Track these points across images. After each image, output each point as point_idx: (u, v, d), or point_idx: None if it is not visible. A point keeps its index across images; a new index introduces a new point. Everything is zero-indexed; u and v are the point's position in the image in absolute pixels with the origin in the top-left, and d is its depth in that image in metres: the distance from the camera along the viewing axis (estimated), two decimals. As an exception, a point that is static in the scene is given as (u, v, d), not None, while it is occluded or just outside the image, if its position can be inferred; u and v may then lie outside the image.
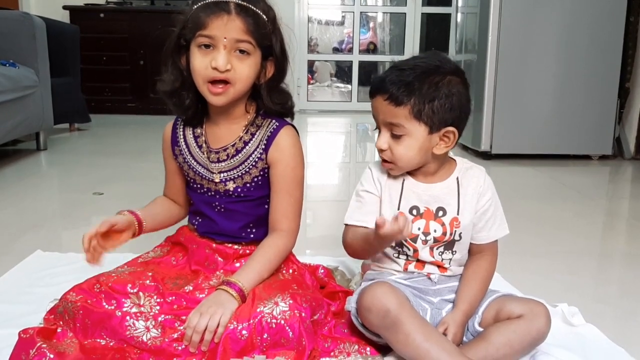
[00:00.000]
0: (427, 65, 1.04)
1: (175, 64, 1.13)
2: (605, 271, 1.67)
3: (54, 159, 3.15)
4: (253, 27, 1.06)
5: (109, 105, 4.99)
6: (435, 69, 1.03)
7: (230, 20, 1.05)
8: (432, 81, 1.02)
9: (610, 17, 3.08)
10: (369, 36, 7.76)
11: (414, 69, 1.03)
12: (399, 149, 1.05)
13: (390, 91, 1.03)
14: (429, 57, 1.06)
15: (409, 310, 0.98)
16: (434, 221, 1.09)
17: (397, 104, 1.03)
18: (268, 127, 1.16)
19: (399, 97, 1.02)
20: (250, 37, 1.07)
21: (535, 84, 3.13)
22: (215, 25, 1.05)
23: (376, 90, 1.06)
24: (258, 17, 1.07)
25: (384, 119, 1.06)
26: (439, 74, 1.03)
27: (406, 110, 1.02)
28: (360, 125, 5.06)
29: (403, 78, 1.02)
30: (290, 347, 0.96)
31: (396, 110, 1.03)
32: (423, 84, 1.02)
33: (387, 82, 1.04)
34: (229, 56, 1.06)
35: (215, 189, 1.17)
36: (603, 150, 3.25)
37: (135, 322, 0.98)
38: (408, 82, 1.02)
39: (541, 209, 2.28)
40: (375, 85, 1.07)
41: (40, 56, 3.19)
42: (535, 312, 1.02)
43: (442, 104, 1.03)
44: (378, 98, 1.06)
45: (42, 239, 1.76)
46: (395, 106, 1.03)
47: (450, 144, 1.07)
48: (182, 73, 1.13)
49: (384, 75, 1.06)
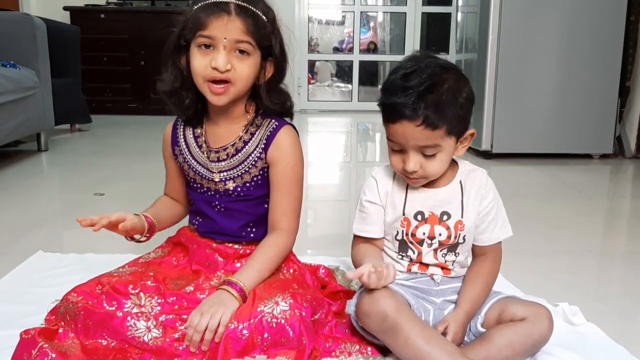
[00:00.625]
0: (438, 76, 1.00)
1: (175, 64, 1.14)
2: (606, 270, 1.67)
3: (55, 160, 3.16)
4: (253, 28, 1.07)
5: (110, 106, 4.99)
6: (448, 78, 1.00)
7: (230, 21, 1.05)
8: (452, 93, 1.00)
9: (610, 16, 3.08)
10: (370, 36, 7.75)
11: (431, 85, 0.98)
12: (434, 165, 1.03)
13: (423, 116, 0.98)
14: (429, 64, 1.01)
15: (407, 313, 0.98)
16: (438, 225, 1.08)
17: (434, 128, 0.99)
18: (268, 127, 1.16)
19: (435, 122, 0.98)
20: (250, 37, 1.07)
21: (535, 83, 3.13)
22: (215, 26, 1.05)
23: (401, 115, 0.99)
24: (258, 17, 1.08)
25: (415, 144, 1.01)
26: (447, 80, 1.00)
27: (442, 131, 1.00)
28: (360, 124, 5.06)
29: (429, 99, 0.98)
30: (290, 346, 0.97)
31: (433, 134, 1.00)
32: (447, 99, 0.99)
33: (414, 106, 0.98)
34: (229, 56, 1.07)
35: (215, 188, 1.18)
36: (604, 149, 3.24)
37: (137, 322, 0.99)
38: (437, 103, 0.98)
39: (542, 208, 2.28)
40: (398, 110, 0.99)
41: (41, 57, 3.20)
42: (538, 315, 1.02)
43: (465, 111, 1.02)
44: (404, 123, 0.99)
45: (43, 239, 1.76)
46: (432, 130, 0.99)
47: (468, 144, 1.08)
48: (182, 73, 1.13)
49: (403, 98, 0.99)
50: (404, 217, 1.08)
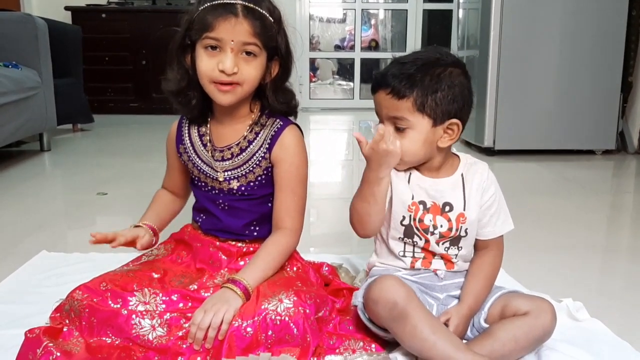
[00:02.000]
0: (427, 58, 1.05)
1: (180, 63, 1.14)
2: (609, 266, 1.67)
3: (58, 160, 3.16)
4: (260, 30, 1.07)
5: (112, 106, 4.99)
6: (436, 61, 1.04)
7: (238, 23, 1.05)
8: (433, 73, 1.03)
9: (612, 11, 3.07)
10: (371, 33, 7.73)
11: (414, 62, 1.04)
12: (404, 142, 1.05)
13: (392, 85, 1.03)
14: (429, 51, 1.08)
15: (416, 302, 0.99)
16: (440, 216, 1.09)
17: (399, 97, 1.03)
18: (272, 126, 1.16)
19: (401, 90, 1.03)
20: (257, 39, 1.07)
21: (537, 79, 3.12)
22: (222, 28, 1.05)
23: (378, 84, 1.06)
24: (265, 19, 1.08)
25: (387, 113, 1.06)
26: (440, 66, 1.04)
27: (409, 102, 1.03)
28: (362, 122, 5.05)
29: (404, 71, 1.03)
30: (294, 343, 0.97)
31: (399, 104, 1.03)
32: (425, 76, 1.02)
33: (389, 76, 1.04)
34: (236, 59, 1.07)
35: (219, 187, 1.18)
36: (606, 145, 3.24)
37: (142, 320, 0.99)
38: (409, 75, 1.02)
39: (545, 204, 2.27)
40: (377, 79, 1.07)
41: (43, 57, 3.20)
42: (541, 309, 1.02)
43: (445, 95, 1.03)
44: (380, 92, 1.06)
45: (47, 239, 1.77)
46: (398, 99, 1.03)
47: (454, 137, 1.07)
48: (188, 72, 1.13)
49: (385, 69, 1.06)
50: (412, 201, 1.09)
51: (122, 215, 2.09)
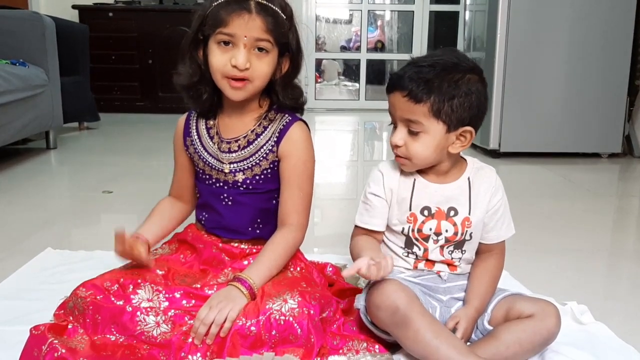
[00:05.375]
0: (445, 62, 1.03)
1: (193, 58, 1.15)
2: (614, 269, 1.66)
3: (64, 158, 3.17)
4: (272, 26, 1.08)
5: (118, 104, 5.01)
6: (454, 66, 1.03)
7: (251, 20, 1.06)
8: (451, 79, 1.01)
9: (619, 14, 3.06)
10: (377, 34, 7.73)
11: (433, 66, 1.02)
12: (416, 146, 1.05)
13: (409, 88, 1.02)
14: (446, 54, 1.05)
15: (418, 307, 0.99)
16: (445, 221, 1.09)
17: (416, 101, 1.02)
18: (281, 121, 1.17)
19: (419, 95, 1.01)
20: (269, 35, 1.08)
21: (543, 81, 3.11)
22: (236, 24, 1.06)
23: (394, 86, 1.05)
24: (277, 15, 1.09)
25: (401, 115, 1.05)
26: (458, 72, 1.02)
27: (425, 107, 1.02)
28: (368, 123, 5.05)
29: (422, 75, 1.01)
30: (298, 344, 0.97)
31: (415, 107, 1.02)
32: (443, 82, 1.01)
33: (406, 78, 1.02)
34: (248, 54, 1.08)
35: (225, 179, 1.18)
36: (612, 148, 3.23)
37: (146, 317, 0.99)
38: (427, 80, 1.01)
39: (550, 207, 2.27)
40: (394, 81, 1.05)
41: (50, 55, 3.21)
42: (545, 312, 1.01)
43: (462, 102, 1.02)
44: (396, 94, 1.05)
45: (52, 236, 1.78)
46: (414, 103, 1.02)
47: (466, 143, 1.06)
48: (200, 67, 1.14)
49: (402, 71, 1.04)
50: (411, 212, 1.09)
51: (127, 213, 2.09)
